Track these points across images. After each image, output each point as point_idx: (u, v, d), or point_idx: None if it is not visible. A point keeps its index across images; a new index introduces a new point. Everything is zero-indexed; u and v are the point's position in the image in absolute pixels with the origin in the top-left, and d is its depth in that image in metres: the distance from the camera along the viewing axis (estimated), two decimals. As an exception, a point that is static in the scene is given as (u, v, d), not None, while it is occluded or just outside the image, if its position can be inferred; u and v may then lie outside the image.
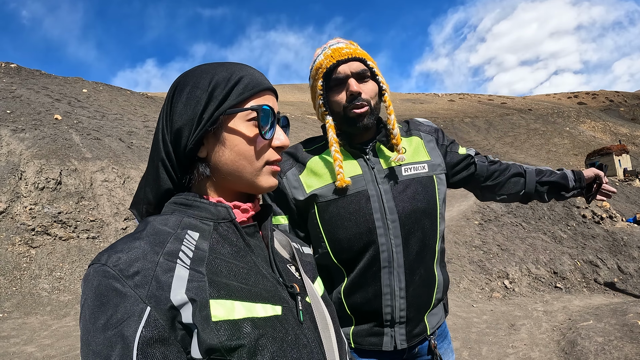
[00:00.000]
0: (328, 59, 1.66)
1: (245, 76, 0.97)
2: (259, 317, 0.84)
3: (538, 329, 6.55)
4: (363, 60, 1.66)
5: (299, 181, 1.73)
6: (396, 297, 1.66)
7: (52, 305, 8.33)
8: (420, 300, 1.71)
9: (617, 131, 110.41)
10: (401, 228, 1.65)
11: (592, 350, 5.34)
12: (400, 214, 1.65)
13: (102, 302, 0.74)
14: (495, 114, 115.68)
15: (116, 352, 0.71)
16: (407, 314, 1.69)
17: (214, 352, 0.76)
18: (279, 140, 1.00)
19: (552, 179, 2.01)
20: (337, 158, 1.64)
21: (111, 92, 24.52)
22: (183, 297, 0.77)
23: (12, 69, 21.64)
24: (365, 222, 1.64)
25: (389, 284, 1.65)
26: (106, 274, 0.76)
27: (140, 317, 0.73)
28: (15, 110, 15.53)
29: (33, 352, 6.20)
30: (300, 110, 76.60)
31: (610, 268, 9.22)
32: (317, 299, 1.04)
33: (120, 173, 13.34)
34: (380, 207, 1.65)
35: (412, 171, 1.72)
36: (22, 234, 9.87)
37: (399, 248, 1.64)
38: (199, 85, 0.96)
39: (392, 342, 1.70)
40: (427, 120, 1.97)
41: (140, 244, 0.82)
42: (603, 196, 2.06)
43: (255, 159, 0.96)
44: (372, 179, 1.69)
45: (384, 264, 1.64)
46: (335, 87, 1.68)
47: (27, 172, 11.60)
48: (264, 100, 0.98)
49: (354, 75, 1.64)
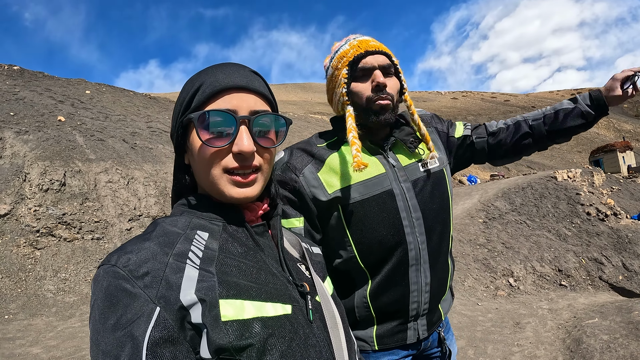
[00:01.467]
0: (355, 49, 1.62)
1: (207, 80, 0.94)
2: (269, 317, 0.84)
3: (543, 327, 6.53)
4: (389, 56, 1.65)
5: (319, 180, 1.64)
6: (422, 293, 1.67)
7: (57, 306, 8.35)
8: (438, 291, 1.75)
9: (620, 128, 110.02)
10: (425, 225, 1.65)
11: (597, 348, 5.32)
12: (424, 211, 1.66)
13: (112, 303, 0.74)
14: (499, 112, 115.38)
15: (126, 352, 0.71)
16: (430, 306, 1.72)
17: (223, 351, 0.76)
18: (237, 146, 0.92)
19: (563, 126, 1.86)
20: (355, 143, 1.55)
21: (114, 93, 24.53)
22: (192, 298, 0.78)
23: (15, 71, 21.67)
24: (393, 222, 1.62)
25: (417, 281, 1.66)
26: (116, 274, 0.77)
27: (150, 317, 0.73)
28: (19, 112, 15.55)
29: (39, 353, 6.21)
30: (303, 109, 76.52)
31: (615, 265, 9.19)
32: (327, 298, 1.04)
33: (124, 174, 13.36)
34: (405, 206, 1.63)
35: (429, 166, 1.73)
36: (26, 236, 9.89)
37: (424, 245, 1.65)
38: (180, 95, 0.99)
39: (416, 334, 1.72)
40: (420, 110, 1.91)
41: (149, 245, 0.83)
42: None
43: (210, 166, 0.93)
44: (395, 177, 1.66)
45: (411, 262, 1.64)
46: (361, 78, 1.63)
47: (31, 174, 11.62)
48: (223, 102, 0.93)
49: (380, 68, 1.61)
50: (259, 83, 0.99)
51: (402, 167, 1.69)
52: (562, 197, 12.72)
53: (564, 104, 1.89)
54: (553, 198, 12.82)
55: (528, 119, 1.92)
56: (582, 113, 1.83)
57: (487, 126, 1.97)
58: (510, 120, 1.97)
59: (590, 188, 15.30)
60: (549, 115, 1.88)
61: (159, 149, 16.48)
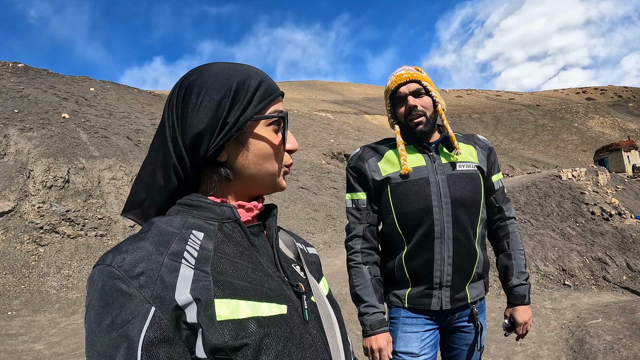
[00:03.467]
0: (392, 83, 2.20)
1: (264, 81, 0.99)
2: (264, 316, 0.84)
3: (546, 327, 6.52)
4: (418, 81, 2.16)
5: (377, 166, 2.24)
6: (445, 264, 2.12)
7: (60, 303, 8.38)
8: (463, 271, 2.16)
9: (625, 127, 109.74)
10: (452, 208, 2.12)
11: (601, 349, 5.30)
12: (452, 198, 2.12)
13: (107, 303, 0.74)
14: (503, 110, 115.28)
15: (121, 352, 0.71)
16: (452, 279, 2.14)
17: (218, 351, 0.76)
18: (290, 144, 1.04)
19: (508, 275, 2.36)
20: (402, 154, 2.16)
21: (118, 91, 24.60)
22: (188, 297, 0.77)
23: (20, 69, 21.76)
24: (425, 201, 2.13)
25: (440, 252, 2.11)
26: (111, 274, 0.76)
27: (145, 317, 0.73)
28: (23, 110, 15.61)
29: (41, 349, 6.24)
30: (307, 107, 76.59)
31: (619, 265, 9.15)
32: (322, 298, 1.04)
33: (127, 171, 13.40)
34: (437, 191, 2.13)
35: (465, 167, 2.20)
36: (30, 232, 9.93)
37: (450, 224, 2.11)
38: (218, 88, 0.94)
39: (439, 302, 2.16)
40: (485, 139, 2.43)
41: (144, 245, 0.82)
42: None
43: (276, 162, 1.01)
44: (433, 169, 2.17)
45: (437, 235, 2.11)
46: (399, 104, 2.21)
47: (35, 171, 11.66)
48: (280, 106, 1.02)
49: (411, 93, 2.16)
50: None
51: (442, 163, 2.19)
52: (567, 196, 12.68)
53: (509, 273, 2.36)
54: (557, 197, 12.78)
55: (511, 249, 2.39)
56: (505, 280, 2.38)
57: (502, 206, 2.42)
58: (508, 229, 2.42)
59: (595, 187, 15.27)
60: (502, 263, 2.40)
61: (162, 147, 16.50)
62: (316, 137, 34.68)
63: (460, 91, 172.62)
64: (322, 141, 32.69)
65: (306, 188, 18.27)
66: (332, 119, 50.43)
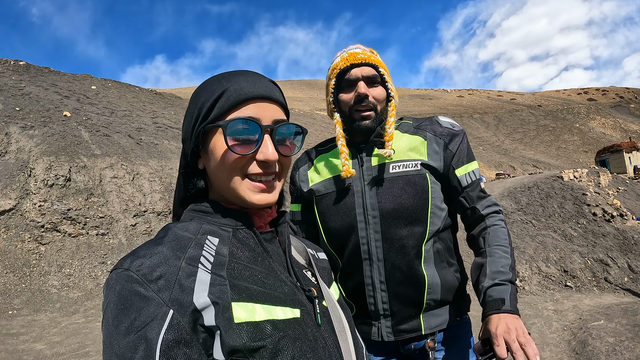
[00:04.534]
0: (343, 61, 1.78)
1: (231, 87, 0.96)
2: (279, 319, 0.86)
3: (548, 329, 6.51)
4: (375, 67, 1.77)
5: (306, 176, 1.96)
6: (377, 290, 1.77)
7: (61, 302, 8.38)
8: (406, 298, 1.76)
9: (627, 128, 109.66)
10: (382, 224, 1.74)
11: (603, 351, 5.30)
12: (382, 210, 1.74)
13: (125, 306, 0.76)
14: (505, 110, 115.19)
15: (139, 354, 0.72)
16: (391, 308, 1.76)
17: (236, 352, 0.78)
18: (262, 154, 0.95)
19: (479, 279, 1.69)
20: (343, 151, 1.77)
21: (120, 89, 24.60)
22: (206, 300, 0.79)
23: (21, 67, 21.75)
24: (348, 216, 1.79)
25: (370, 276, 1.76)
26: (129, 278, 0.78)
27: (163, 320, 0.75)
28: (24, 108, 15.61)
29: (42, 349, 6.24)
30: (309, 106, 76.62)
31: (621, 267, 9.14)
32: (333, 302, 1.05)
33: (129, 169, 13.39)
34: (363, 203, 1.77)
35: (401, 169, 1.78)
36: (31, 231, 9.93)
37: (379, 243, 1.74)
38: (195, 100, 1.00)
39: (379, 333, 1.79)
40: (450, 122, 1.92)
41: (162, 250, 0.84)
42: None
43: (232, 172, 0.96)
44: (360, 175, 1.80)
45: (364, 255, 1.77)
46: (346, 88, 1.79)
47: (37, 169, 11.66)
48: (247, 110, 0.95)
49: (364, 78, 1.76)
50: (278, 93, 1.03)
51: (372, 166, 1.80)
52: (568, 197, 12.67)
53: (482, 275, 1.69)
54: (559, 198, 12.77)
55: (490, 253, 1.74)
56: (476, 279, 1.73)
57: (476, 204, 1.84)
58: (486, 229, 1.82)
59: (597, 188, 15.26)
60: (476, 264, 1.76)
61: (164, 145, 16.52)
62: (317, 136, 34.68)
63: (462, 91, 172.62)
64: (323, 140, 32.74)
65: (307, 187, 18.22)
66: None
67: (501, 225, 1.80)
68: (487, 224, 1.81)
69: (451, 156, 1.81)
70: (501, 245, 1.73)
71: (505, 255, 1.69)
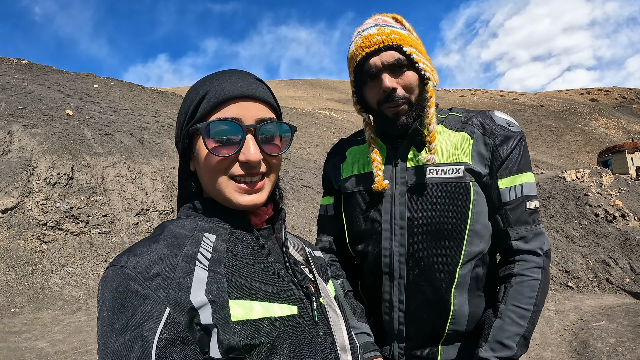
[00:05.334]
0: (358, 50, 1.45)
1: (212, 88, 0.95)
2: (277, 317, 0.86)
3: (550, 329, 6.50)
4: (398, 48, 1.42)
5: (338, 168, 1.73)
6: (395, 309, 1.53)
7: (63, 300, 8.39)
8: (426, 323, 1.51)
9: (629, 128, 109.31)
10: (409, 237, 1.48)
11: (604, 352, 5.30)
12: (411, 221, 1.47)
13: (121, 304, 0.75)
14: (507, 110, 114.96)
15: (135, 352, 0.72)
16: (407, 331, 1.54)
17: (233, 351, 0.78)
18: (244, 155, 0.93)
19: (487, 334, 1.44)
20: (376, 159, 1.53)
21: (122, 88, 24.61)
22: (203, 299, 0.79)
23: (24, 65, 21.77)
24: (373, 221, 1.55)
25: (389, 292, 1.53)
26: (125, 275, 0.78)
27: (160, 318, 0.74)
28: (27, 106, 15.63)
29: (44, 347, 6.25)
30: (311, 105, 76.53)
31: (622, 268, 9.13)
32: (330, 299, 1.06)
33: (131, 168, 13.40)
34: (391, 209, 1.51)
35: (440, 174, 1.47)
36: (34, 229, 9.94)
37: (403, 258, 1.49)
38: (183, 102, 1.00)
39: (390, 351, 1.59)
40: (506, 120, 1.57)
41: (159, 247, 0.84)
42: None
43: (216, 174, 0.95)
44: (392, 177, 1.53)
45: (384, 269, 1.53)
46: (369, 82, 1.49)
47: (39, 168, 11.68)
48: (228, 111, 0.94)
49: (386, 67, 1.43)
50: (263, 91, 1.00)
51: (406, 168, 1.52)
52: (571, 197, 12.65)
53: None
54: (561, 198, 12.75)
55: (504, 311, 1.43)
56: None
57: (505, 229, 1.50)
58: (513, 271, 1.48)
59: (599, 189, 15.22)
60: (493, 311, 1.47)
61: (166, 144, 16.52)
62: (320, 135, 34.63)
63: (464, 91, 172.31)
64: (325, 140, 32.64)
65: (310, 187, 18.22)
66: (335, 117, 50.34)
67: (532, 277, 1.43)
68: (514, 271, 1.46)
69: (499, 163, 1.47)
70: (520, 306, 1.41)
71: (518, 322, 1.39)
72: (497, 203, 1.48)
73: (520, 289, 1.42)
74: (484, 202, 1.49)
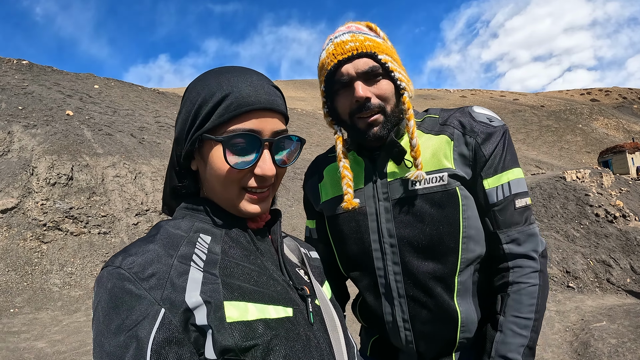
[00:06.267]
0: (330, 57, 1.35)
1: (232, 94, 0.91)
2: (272, 319, 0.85)
3: (551, 330, 6.49)
4: (372, 55, 1.33)
5: (317, 190, 1.62)
6: (400, 329, 1.45)
7: (63, 300, 8.39)
8: (435, 336, 1.44)
9: (630, 129, 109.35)
10: (401, 254, 1.41)
11: (605, 352, 5.28)
12: (400, 238, 1.40)
13: (116, 304, 0.75)
14: (508, 111, 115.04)
15: (130, 353, 0.71)
16: (417, 348, 1.46)
17: (228, 352, 0.78)
18: (260, 169, 0.92)
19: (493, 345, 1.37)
20: (346, 175, 1.42)
21: (122, 88, 24.63)
22: (198, 300, 0.79)
23: (24, 66, 21.79)
24: (362, 242, 1.47)
25: (390, 312, 1.46)
26: (120, 276, 0.77)
27: (155, 318, 0.74)
28: (27, 107, 15.64)
29: (43, 347, 6.24)
30: (311, 105, 76.59)
31: (623, 268, 9.11)
32: (326, 301, 1.05)
33: (131, 168, 13.41)
34: (378, 228, 1.44)
35: (423, 184, 1.39)
36: (33, 229, 9.94)
37: (399, 276, 1.42)
38: (191, 100, 0.95)
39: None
40: (487, 115, 1.48)
41: (154, 247, 0.83)
42: None
43: (229, 185, 0.93)
44: (373, 193, 1.45)
45: (382, 289, 1.46)
46: (341, 91, 1.39)
47: (39, 168, 11.68)
48: (248, 123, 0.91)
49: (360, 76, 1.34)
50: (280, 101, 0.98)
51: (387, 182, 1.43)
52: (571, 197, 12.63)
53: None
54: (562, 199, 12.73)
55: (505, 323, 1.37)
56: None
57: (495, 231, 1.42)
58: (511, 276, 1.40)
59: (599, 189, 15.20)
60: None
61: (166, 144, 16.53)
62: (320, 135, 34.70)
63: (465, 91, 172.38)
64: (325, 140, 32.71)
65: (309, 187, 18.21)
66: (335, 118, 50.47)
67: (529, 284, 1.36)
68: (510, 279, 1.38)
69: (483, 162, 1.39)
70: (520, 316, 1.34)
71: (521, 333, 1.32)
72: (485, 205, 1.41)
73: (518, 297, 1.35)
74: (474, 205, 1.42)
